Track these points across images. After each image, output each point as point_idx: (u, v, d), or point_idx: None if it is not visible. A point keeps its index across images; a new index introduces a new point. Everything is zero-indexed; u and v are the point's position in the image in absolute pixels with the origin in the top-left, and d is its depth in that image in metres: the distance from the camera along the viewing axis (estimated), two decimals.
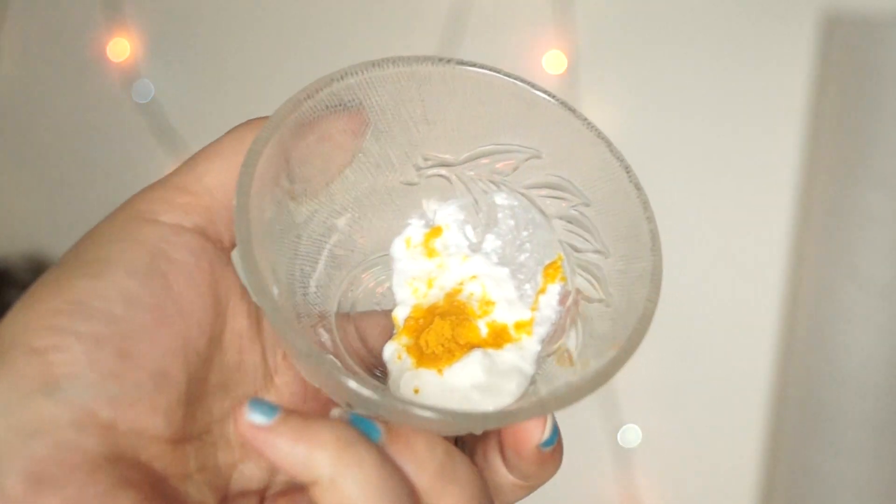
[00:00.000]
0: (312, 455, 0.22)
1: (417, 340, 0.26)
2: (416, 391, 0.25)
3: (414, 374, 0.25)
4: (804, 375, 1.03)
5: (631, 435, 1.12)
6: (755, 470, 1.14)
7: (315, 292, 0.26)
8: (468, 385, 0.25)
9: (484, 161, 0.24)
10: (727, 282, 1.10)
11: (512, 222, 0.25)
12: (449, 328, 0.26)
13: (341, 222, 0.26)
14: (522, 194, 0.24)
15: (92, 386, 0.22)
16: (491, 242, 0.25)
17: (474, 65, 0.24)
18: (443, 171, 0.25)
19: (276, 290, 0.23)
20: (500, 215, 0.25)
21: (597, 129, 0.23)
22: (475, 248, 0.26)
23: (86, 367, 0.22)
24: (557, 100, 0.23)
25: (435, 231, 0.25)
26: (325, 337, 0.25)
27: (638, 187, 0.22)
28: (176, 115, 1.16)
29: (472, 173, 0.24)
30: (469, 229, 0.25)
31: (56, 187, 1.26)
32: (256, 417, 0.22)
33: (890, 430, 0.97)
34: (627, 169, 0.22)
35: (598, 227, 0.23)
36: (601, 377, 0.23)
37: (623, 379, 1.11)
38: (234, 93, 1.14)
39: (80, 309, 0.23)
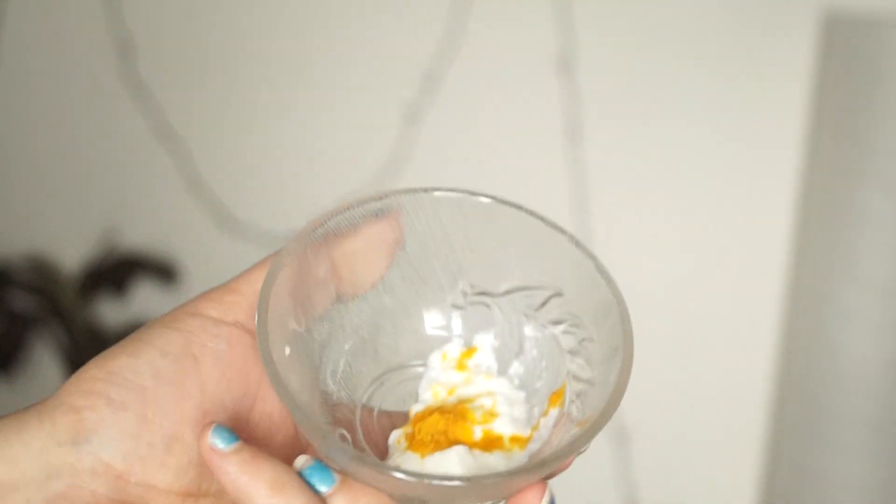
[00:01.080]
0: (250, 487, 0.26)
1: (415, 428, 0.29)
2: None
3: (402, 456, 0.28)
4: (804, 375, 1.03)
5: (630, 434, 1.12)
6: (755, 469, 1.14)
7: (342, 382, 0.29)
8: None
9: (518, 295, 0.28)
10: (727, 282, 1.10)
11: (536, 352, 0.28)
12: (443, 423, 0.28)
13: (386, 325, 0.29)
14: (546, 328, 0.28)
15: (112, 441, 0.28)
16: (515, 368, 0.29)
17: (510, 203, 0.28)
18: (486, 299, 0.28)
19: (294, 379, 0.27)
20: (526, 345, 0.28)
21: (605, 272, 0.27)
22: (501, 371, 0.29)
23: (110, 426, 0.28)
24: (575, 241, 0.27)
25: (470, 351, 0.29)
26: (345, 424, 0.29)
27: (627, 327, 0.25)
28: (176, 115, 1.16)
29: (508, 305, 0.28)
30: (499, 354, 0.28)
31: (56, 187, 1.26)
32: (216, 442, 0.27)
33: (889, 429, 0.97)
34: (621, 303, 0.26)
35: (594, 357, 0.27)
36: (593, 430, 0.25)
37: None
38: (236, 93, 1.14)
39: (115, 379, 0.28)
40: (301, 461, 0.27)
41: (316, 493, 0.26)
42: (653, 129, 1.07)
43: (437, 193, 0.29)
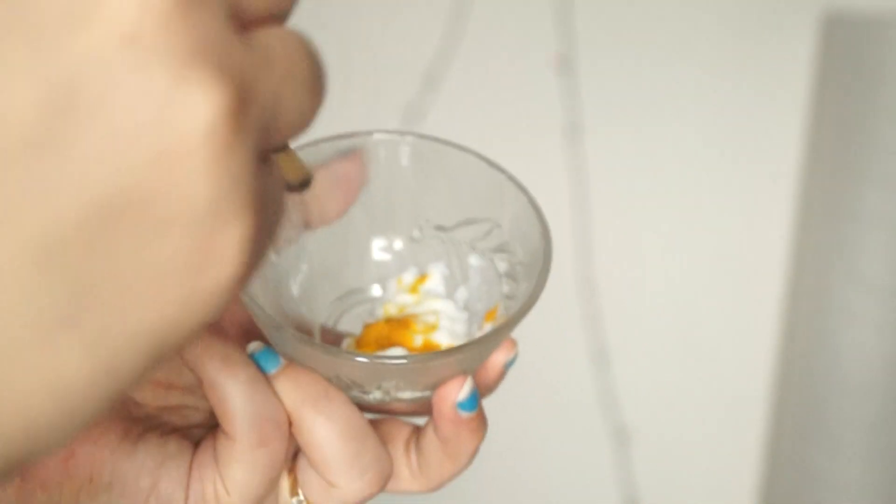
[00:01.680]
0: (203, 358, 0.28)
1: (362, 333, 0.32)
2: None
3: None
4: (803, 375, 1.03)
5: (630, 435, 1.12)
6: (754, 470, 1.14)
7: (300, 296, 0.32)
8: None
9: (465, 228, 0.31)
10: (726, 282, 1.10)
11: (479, 279, 0.32)
12: (388, 329, 0.31)
13: (348, 253, 0.32)
14: (486, 256, 0.31)
15: None
16: (461, 293, 0.32)
17: (459, 146, 0.31)
18: (439, 233, 0.32)
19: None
20: (471, 273, 0.32)
21: (535, 204, 0.30)
22: (448, 296, 0.33)
23: None
24: (512, 178, 0.31)
25: (423, 277, 0.32)
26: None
27: (545, 229, 0.30)
28: None
29: (458, 238, 0.31)
30: (448, 281, 0.32)
31: None
32: None
33: (889, 430, 0.97)
34: (545, 230, 0.30)
35: (521, 278, 0.31)
36: (510, 322, 0.29)
37: (623, 379, 1.11)
38: None
39: None
40: (253, 346, 0.29)
41: (264, 373, 0.28)
42: (653, 129, 1.06)
43: (397, 136, 0.31)
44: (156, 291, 0.15)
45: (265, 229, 0.17)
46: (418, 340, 0.31)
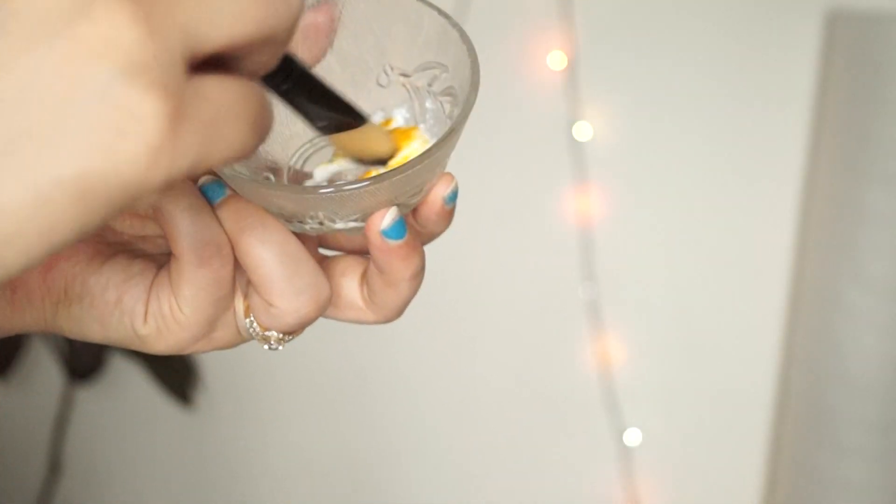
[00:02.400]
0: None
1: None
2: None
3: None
4: (807, 375, 1.03)
5: (634, 435, 1.12)
6: (758, 469, 1.14)
7: (276, 143, 0.34)
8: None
9: (422, 74, 0.34)
10: (730, 281, 1.09)
11: (432, 121, 0.34)
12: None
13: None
14: (437, 98, 0.34)
15: None
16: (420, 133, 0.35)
17: None
18: (402, 79, 0.35)
19: None
20: (427, 115, 0.35)
21: (471, 48, 0.33)
22: None
23: None
24: (456, 26, 0.33)
25: (387, 121, 0.35)
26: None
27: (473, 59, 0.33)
28: None
29: (416, 83, 0.35)
30: (408, 124, 0.35)
31: None
32: None
33: (893, 429, 0.97)
34: (475, 68, 0.33)
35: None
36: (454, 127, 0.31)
37: (626, 379, 1.11)
38: None
39: None
40: (203, 179, 0.32)
41: (210, 204, 0.31)
42: (655, 128, 1.06)
43: None
44: (81, 141, 0.20)
45: (196, 130, 0.21)
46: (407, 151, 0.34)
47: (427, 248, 0.34)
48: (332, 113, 0.30)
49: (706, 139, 1.05)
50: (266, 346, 0.34)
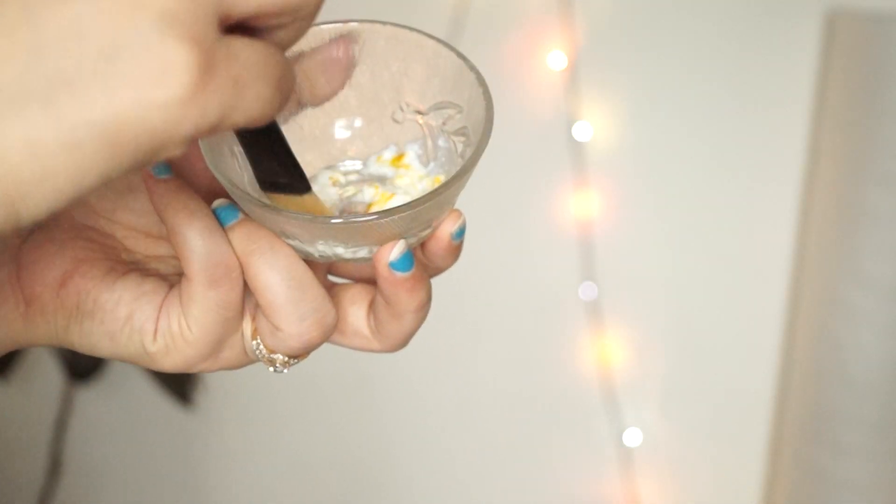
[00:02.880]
0: (170, 209, 0.31)
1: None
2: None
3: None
4: (807, 375, 1.02)
5: (634, 435, 1.12)
6: (758, 469, 1.14)
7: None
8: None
9: (436, 112, 0.35)
10: (730, 281, 1.09)
11: (444, 159, 0.35)
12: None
13: (335, 131, 0.36)
14: (450, 138, 0.35)
15: None
16: (432, 170, 0.36)
17: (433, 37, 0.34)
18: (417, 117, 0.35)
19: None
20: (439, 153, 0.35)
21: (486, 91, 0.34)
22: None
23: None
24: (472, 68, 0.34)
25: (400, 156, 0.36)
26: None
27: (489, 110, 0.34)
28: None
29: (430, 121, 0.35)
30: (420, 160, 0.36)
31: None
32: (153, 171, 0.32)
33: (893, 429, 0.97)
34: (489, 109, 0.34)
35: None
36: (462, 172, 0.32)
37: (626, 379, 1.11)
38: None
39: None
40: (217, 202, 0.32)
41: (222, 226, 0.32)
42: (655, 128, 1.06)
43: (380, 26, 0.35)
44: (116, 87, 0.21)
45: (224, 86, 0.23)
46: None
47: None
48: (284, 173, 0.31)
49: (706, 139, 1.05)
50: (272, 369, 0.35)
